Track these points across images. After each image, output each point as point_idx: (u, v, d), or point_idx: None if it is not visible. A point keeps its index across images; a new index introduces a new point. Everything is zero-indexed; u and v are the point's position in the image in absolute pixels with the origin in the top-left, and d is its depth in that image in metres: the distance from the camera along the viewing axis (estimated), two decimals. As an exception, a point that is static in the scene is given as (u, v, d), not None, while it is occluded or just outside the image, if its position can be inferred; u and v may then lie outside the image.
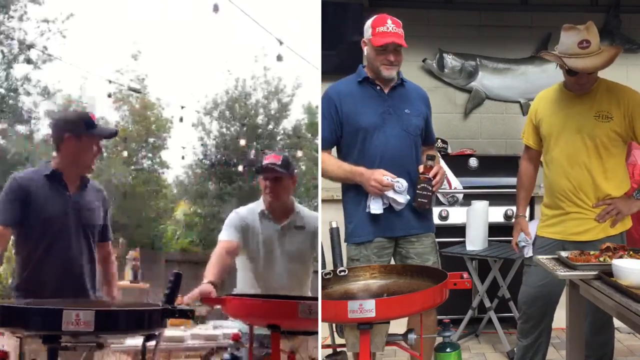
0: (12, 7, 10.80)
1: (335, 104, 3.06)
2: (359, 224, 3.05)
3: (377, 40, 2.97)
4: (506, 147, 5.43)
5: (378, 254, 3.05)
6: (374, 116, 3.04)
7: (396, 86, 3.10)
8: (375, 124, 3.03)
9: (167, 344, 3.98)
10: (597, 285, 2.46)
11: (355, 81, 3.10)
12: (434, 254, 3.13)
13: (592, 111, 3.05)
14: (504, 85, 5.46)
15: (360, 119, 3.03)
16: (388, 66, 3.01)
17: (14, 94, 11.05)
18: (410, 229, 3.07)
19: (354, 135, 3.05)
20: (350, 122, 3.05)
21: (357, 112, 3.04)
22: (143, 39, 17.34)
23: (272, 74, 12.72)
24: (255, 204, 3.11)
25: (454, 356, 2.14)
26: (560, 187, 3.11)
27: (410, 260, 3.06)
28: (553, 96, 3.20)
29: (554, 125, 3.14)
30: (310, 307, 2.14)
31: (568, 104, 3.12)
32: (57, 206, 2.79)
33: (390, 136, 3.03)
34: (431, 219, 3.18)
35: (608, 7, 5.35)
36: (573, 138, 3.07)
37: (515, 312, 4.54)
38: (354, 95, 3.08)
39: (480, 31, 5.42)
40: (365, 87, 3.09)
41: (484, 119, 5.51)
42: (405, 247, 3.09)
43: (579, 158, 3.07)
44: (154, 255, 10.53)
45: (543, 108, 3.22)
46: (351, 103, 3.06)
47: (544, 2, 5.33)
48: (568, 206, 3.11)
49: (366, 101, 3.06)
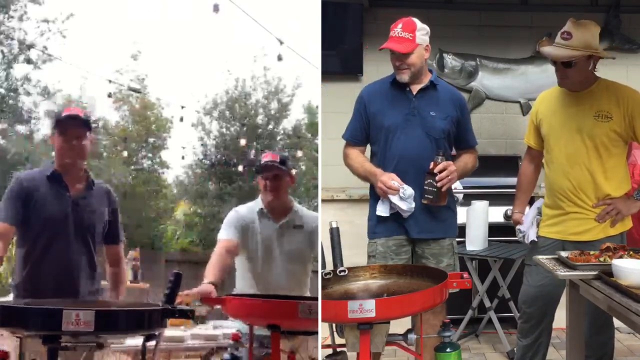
0: (12, 7, 10.80)
1: (365, 103, 3.13)
2: (376, 221, 3.10)
3: (388, 45, 3.02)
4: (506, 147, 5.43)
5: (396, 251, 3.08)
6: (398, 117, 3.06)
7: (426, 88, 3.10)
8: (398, 124, 3.06)
9: (167, 344, 3.98)
10: (597, 285, 2.46)
11: (388, 82, 3.14)
12: (450, 255, 3.14)
13: (591, 111, 3.05)
14: (504, 85, 5.45)
15: (385, 119, 3.08)
16: (398, 70, 3.05)
17: (14, 94, 11.05)
18: (426, 232, 3.09)
19: (379, 134, 3.10)
20: (377, 121, 3.10)
21: (383, 112, 3.09)
22: (143, 39, 17.35)
23: (272, 73, 12.74)
24: (254, 202, 3.11)
25: (454, 356, 2.14)
26: (560, 187, 3.11)
27: (425, 260, 3.10)
28: (554, 96, 3.20)
29: (553, 125, 3.15)
30: (310, 307, 2.14)
31: (568, 104, 3.12)
32: (56, 207, 2.80)
33: (412, 137, 3.05)
34: (452, 223, 3.19)
35: (608, 7, 5.35)
36: (573, 138, 3.07)
37: (515, 312, 4.54)
38: (382, 95, 3.12)
39: (480, 31, 5.42)
40: (394, 88, 3.12)
41: (484, 119, 5.50)
42: (422, 247, 3.12)
43: (578, 158, 3.06)
44: (154, 255, 10.53)
45: (544, 108, 3.23)
46: (379, 102, 3.11)
47: (544, 2, 5.32)
48: (568, 206, 3.11)
49: (393, 101, 3.10)
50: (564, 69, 3.03)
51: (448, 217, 3.15)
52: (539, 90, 5.38)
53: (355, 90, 3.27)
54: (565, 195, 3.11)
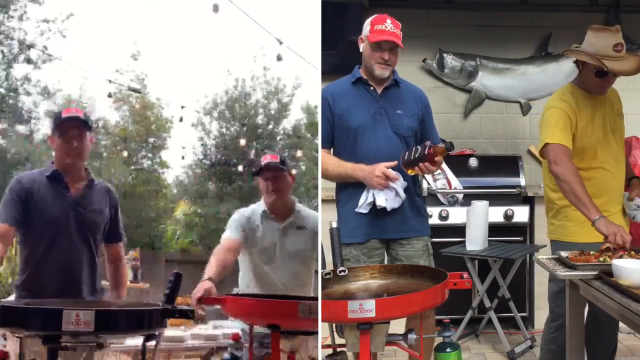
0: (12, 7, 10.81)
1: (330, 104, 3.05)
2: (351, 224, 3.01)
3: (373, 36, 2.96)
4: (506, 147, 5.43)
5: (368, 254, 3.03)
6: (365, 117, 3.02)
7: (390, 87, 3.08)
8: (366, 124, 3.01)
9: (167, 344, 3.98)
10: (597, 285, 2.46)
11: (350, 81, 3.10)
12: (425, 257, 3.08)
13: (613, 111, 3.10)
14: (504, 85, 5.46)
15: (352, 120, 3.02)
16: (382, 65, 2.99)
17: (14, 94, 11.06)
18: (402, 231, 3.04)
19: (345, 135, 3.04)
20: (342, 122, 3.04)
21: (350, 113, 3.03)
22: (143, 39, 17.36)
23: (272, 74, 12.76)
24: (257, 204, 3.12)
25: (454, 356, 2.14)
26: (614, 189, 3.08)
27: (398, 262, 3.01)
28: (577, 102, 3.06)
29: (595, 133, 3.06)
30: (310, 307, 2.15)
31: (594, 107, 3.07)
32: (56, 207, 2.80)
33: (381, 137, 3.01)
34: (425, 222, 3.14)
35: (608, 7, 5.35)
36: (612, 140, 3.08)
37: (515, 312, 4.55)
38: (347, 95, 3.07)
39: (480, 31, 5.42)
40: (358, 88, 3.08)
41: (484, 119, 5.51)
42: (396, 249, 3.07)
43: (620, 158, 3.11)
44: (154, 255, 10.54)
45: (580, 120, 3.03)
46: (344, 103, 3.05)
47: (544, 2, 5.33)
48: (614, 206, 3.07)
49: (358, 101, 3.05)
50: (612, 78, 3.00)
51: (421, 216, 3.11)
52: (539, 90, 5.46)
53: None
54: (615, 198, 3.08)
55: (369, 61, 3.02)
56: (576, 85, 3.11)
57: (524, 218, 4.87)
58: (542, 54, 5.43)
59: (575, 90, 3.08)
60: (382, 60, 2.98)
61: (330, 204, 4.48)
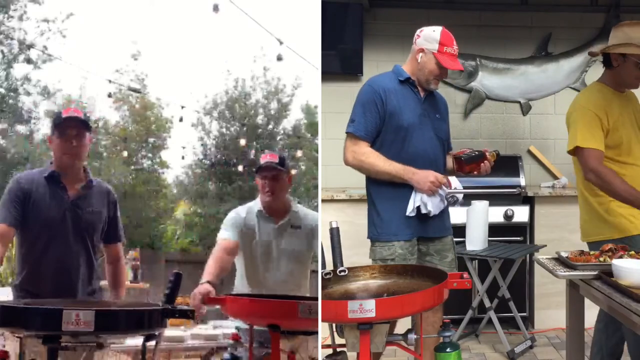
0: (12, 7, 10.80)
1: (382, 99, 3.05)
2: (397, 223, 3.05)
3: (446, 61, 3.02)
4: (506, 147, 5.43)
5: (412, 251, 3.08)
6: (414, 117, 3.07)
7: (429, 92, 3.16)
8: (415, 124, 3.06)
9: (167, 344, 3.99)
10: (597, 285, 2.46)
11: (397, 79, 3.12)
12: (452, 251, 3.21)
13: (637, 109, 3.12)
14: (504, 85, 5.46)
15: (403, 118, 3.05)
16: (436, 81, 3.10)
17: (14, 94, 11.06)
18: (441, 230, 3.16)
19: (395, 133, 3.06)
20: (393, 120, 3.05)
21: (401, 111, 3.06)
22: (143, 39, 17.38)
23: (272, 74, 12.74)
24: (253, 203, 3.11)
25: (454, 356, 2.14)
26: None
27: (429, 257, 3.15)
28: (606, 100, 3.06)
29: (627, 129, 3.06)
30: (310, 307, 2.14)
31: (621, 105, 3.08)
32: (54, 207, 2.80)
33: (427, 138, 3.09)
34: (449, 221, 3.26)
35: (608, 7, 5.35)
36: None
37: (515, 312, 4.54)
38: (397, 93, 3.09)
39: (480, 31, 5.42)
40: (405, 87, 3.11)
41: (484, 119, 5.51)
42: (427, 244, 3.15)
43: None
44: (154, 255, 10.53)
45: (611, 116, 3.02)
46: (395, 101, 3.07)
47: (544, 2, 5.33)
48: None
49: (407, 101, 3.09)
50: None
51: (446, 216, 3.22)
52: (539, 90, 5.46)
53: (355, 90, 3.26)
54: None
55: (427, 75, 3.08)
56: (604, 82, 3.12)
57: (524, 218, 4.87)
58: (542, 54, 5.43)
59: (604, 88, 3.10)
60: (440, 79, 3.11)
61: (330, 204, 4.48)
